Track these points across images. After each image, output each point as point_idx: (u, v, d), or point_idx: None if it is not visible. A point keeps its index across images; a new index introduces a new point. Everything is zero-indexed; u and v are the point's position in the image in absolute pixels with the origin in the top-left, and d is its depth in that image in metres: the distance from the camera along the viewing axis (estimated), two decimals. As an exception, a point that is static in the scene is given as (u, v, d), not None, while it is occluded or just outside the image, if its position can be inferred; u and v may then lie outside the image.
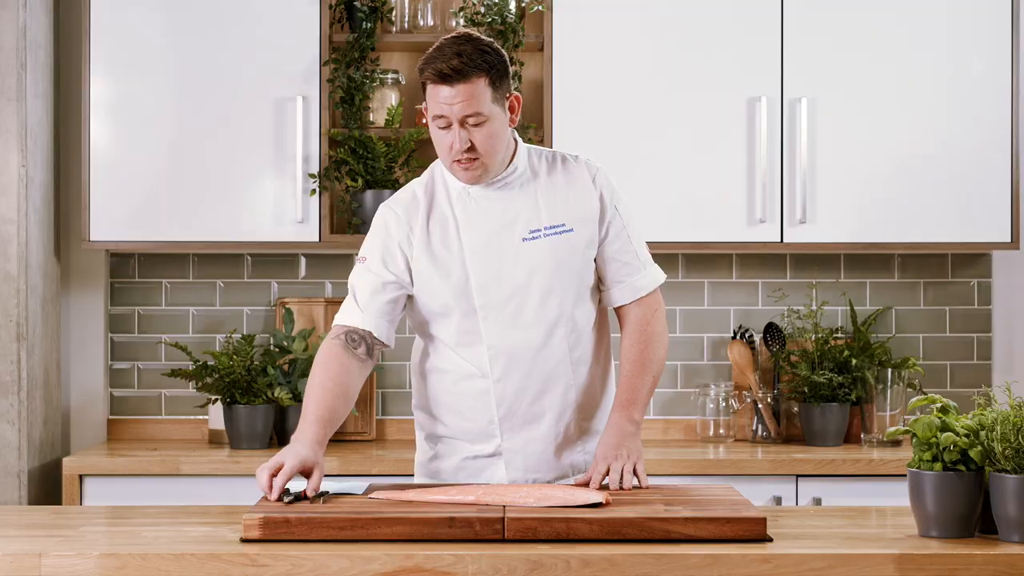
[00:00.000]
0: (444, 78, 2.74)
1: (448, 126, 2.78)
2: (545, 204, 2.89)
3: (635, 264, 2.94)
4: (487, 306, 2.86)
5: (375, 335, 2.87)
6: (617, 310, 2.98)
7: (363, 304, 2.89)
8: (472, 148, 2.78)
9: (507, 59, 2.84)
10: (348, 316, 2.90)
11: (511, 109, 2.84)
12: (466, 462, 2.95)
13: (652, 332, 2.94)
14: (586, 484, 2.77)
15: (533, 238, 2.87)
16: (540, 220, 2.88)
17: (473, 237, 2.87)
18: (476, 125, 2.77)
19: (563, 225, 2.88)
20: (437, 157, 2.86)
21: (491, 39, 2.89)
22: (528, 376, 2.87)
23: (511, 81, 2.86)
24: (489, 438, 2.91)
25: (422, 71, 2.78)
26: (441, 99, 2.75)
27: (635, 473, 2.78)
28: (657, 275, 2.99)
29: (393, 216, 2.91)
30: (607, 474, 2.77)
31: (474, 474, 2.95)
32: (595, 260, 2.93)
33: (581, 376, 2.91)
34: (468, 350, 2.89)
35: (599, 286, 2.96)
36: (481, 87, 2.75)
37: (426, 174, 2.97)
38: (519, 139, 2.94)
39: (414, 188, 2.95)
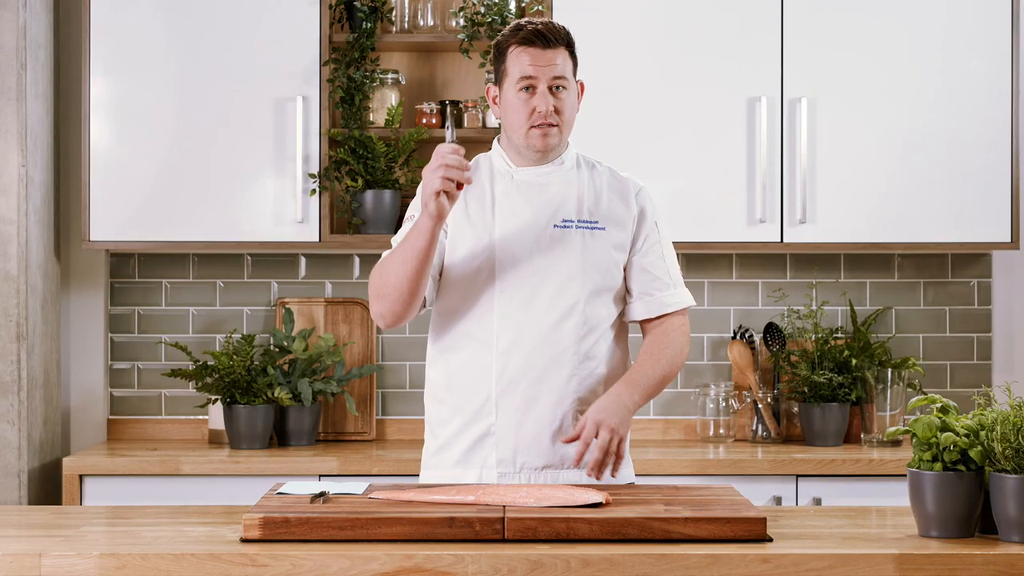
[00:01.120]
0: (541, 38, 2.88)
1: (533, 90, 2.87)
2: (584, 201, 2.96)
3: (665, 280, 2.98)
4: (505, 280, 2.90)
5: None
6: (642, 325, 3.00)
7: None
8: (555, 112, 2.88)
9: None
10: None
11: (578, 94, 2.97)
12: (461, 454, 2.95)
13: (672, 340, 2.97)
14: (575, 440, 2.79)
15: (564, 227, 2.93)
16: (575, 212, 2.94)
17: (506, 214, 2.93)
18: (561, 89, 2.89)
19: (596, 222, 2.95)
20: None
21: None
22: (532, 356, 2.89)
23: None
24: (484, 417, 2.91)
25: (508, 39, 2.91)
26: (533, 61, 2.87)
27: (617, 453, 2.79)
28: (685, 297, 3.02)
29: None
30: (591, 443, 2.77)
31: (466, 462, 2.94)
32: (625, 269, 2.97)
33: (587, 369, 2.91)
34: (479, 322, 2.92)
35: (626, 297, 2.99)
36: (566, 56, 2.91)
37: (472, 161, 3.04)
38: (570, 142, 3.03)
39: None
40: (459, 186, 2.74)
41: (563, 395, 2.90)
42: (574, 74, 2.94)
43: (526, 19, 2.94)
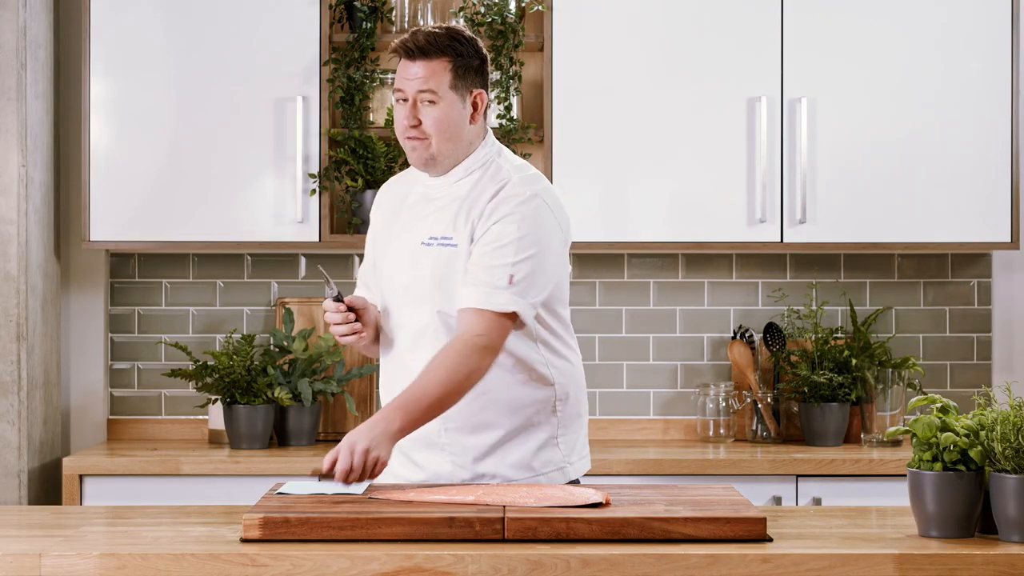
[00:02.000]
0: (407, 52, 2.83)
1: (405, 101, 2.84)
2: (457, 216, 2.86)
3: (479, 277, 2.78)
4: (384, 301, 2.94)
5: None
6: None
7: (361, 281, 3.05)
8: (419, 126, 2.83)
9: (485, 57, 2.87)
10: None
11: (474, 106, 2.86)
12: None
13: (451, 350, 2.74)
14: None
15: (427, 245, 2.87)
16: (440, 229, 2.86)
17: (395, 231, 2.94)
18: (428, 103, 2.82)
19: (450, 238, 2.85)
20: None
21: (474, 36, 2.90)
22: (396, 374, 2.90)
23: (484, 80, 2.87)
24: None
25: (395, 45, 2.86)
26: (402, 73, 2.84)
27: (373, 471, 2.66)
28: (497, 299, 2.76)
29: (377, 199, 3.08)
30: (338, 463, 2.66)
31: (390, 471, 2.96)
32: None
33: None
34: (382, 343, 2.98)
35: None
36: (441, 68, 2.81)
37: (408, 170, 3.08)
38: (493, 148, 2.92)
39: (409, 170, 3.06)
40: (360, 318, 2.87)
41: None
42: (460, 87, 2.82)
43: (424, 26, 2.89)
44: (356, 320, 2.89)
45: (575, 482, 2.96)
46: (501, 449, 2.90)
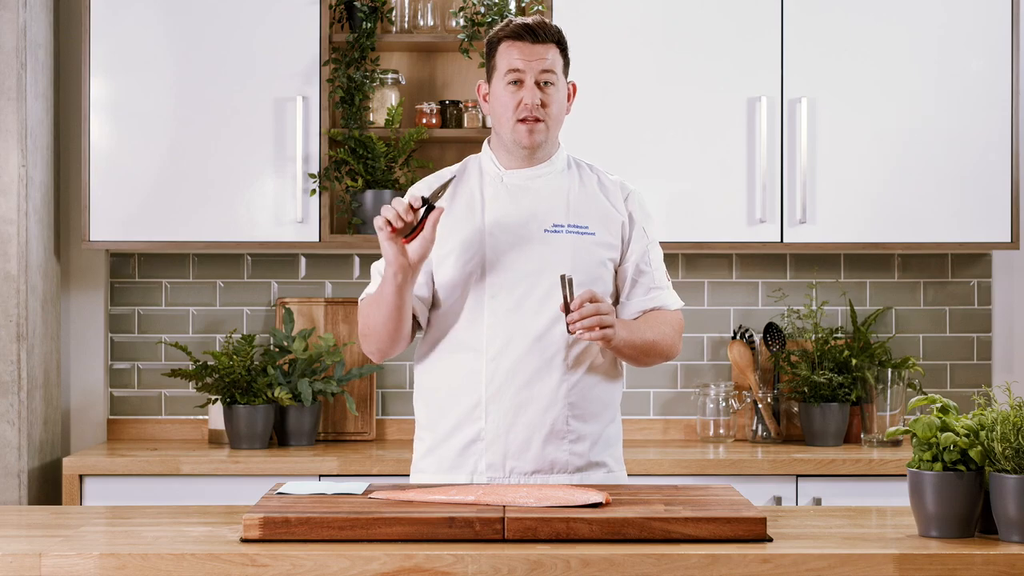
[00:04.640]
0: (530, 33, 2.89)
1: (520, 84, 2.88)
2: (573, 205, 2.95)
3: (649, 284, 2.98)
4: (496, 285, 2.90)
5: None
6: None
7: None
8: (541, 106, 2.88)
9: None
10: (374, 288, 2.98)
11: (567, 96, 2.98)
12: (451, 459, 2.94)
13: (667, 321, 2.97)
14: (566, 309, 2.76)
15: (555, 231, 2.92)
16: (565, 217, 2.94)
17: (496, 218, 2.93)
18: (548, 84, 2.89)
19: (586, 227, 2.94)
20: (435, 161, 2.87)
21: None
22: (522, 360, 2.88)
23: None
24: (474, 421, 2.91)
25: (499, 32, 2.92)
26: (520, 55, 2.88)
27: (602, 326, 2.76)
28: (674, 298, 3.02)
29: (418, 192, 3.00)
30: (584, 307, 2.75)
31: (456, 467, 2.94)
32: (616, 274, 2.97)
33: (577, 374, 2.91)
34: (469, 327, 2.92)
35: (617, 301, 2.98)
36: (555, 54, 2.91)
37: (461, 163, 3.06)
38: (562, 143, 3.04)
39: (447, 168, 3.06)
40: (410, 235, 2.77)
41: (553, 400, 2.89)
42: (565, 73, 2.94)
43: (519, 17, 2.95)
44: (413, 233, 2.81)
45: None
46: (603, 439, 2.96)
